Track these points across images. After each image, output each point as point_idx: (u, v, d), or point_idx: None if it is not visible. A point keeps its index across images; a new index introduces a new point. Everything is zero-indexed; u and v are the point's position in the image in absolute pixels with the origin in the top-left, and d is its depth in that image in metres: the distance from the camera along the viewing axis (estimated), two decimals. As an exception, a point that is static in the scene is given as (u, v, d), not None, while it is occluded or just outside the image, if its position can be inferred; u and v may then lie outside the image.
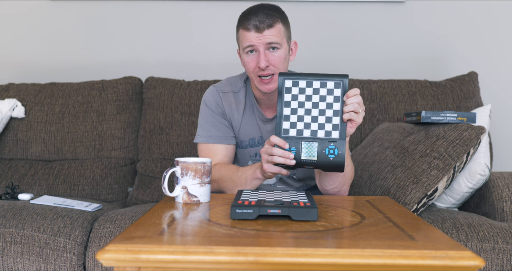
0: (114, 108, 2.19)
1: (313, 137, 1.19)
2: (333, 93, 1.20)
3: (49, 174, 2.11)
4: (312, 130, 1.20)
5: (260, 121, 1.51)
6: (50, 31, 2.49)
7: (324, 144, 1.19)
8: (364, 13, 2.43)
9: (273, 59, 1.38)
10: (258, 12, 1.37)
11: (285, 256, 0.73)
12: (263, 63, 1.36)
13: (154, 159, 2.14)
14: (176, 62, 2.46)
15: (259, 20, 1.36)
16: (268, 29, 1.36)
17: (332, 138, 1.19)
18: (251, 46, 1.38)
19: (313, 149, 1.18)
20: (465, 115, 1.65)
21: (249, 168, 1.36)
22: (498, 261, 1.41)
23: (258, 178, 1.32)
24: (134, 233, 0.82)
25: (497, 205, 1.61)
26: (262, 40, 1.36)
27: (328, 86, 1.20)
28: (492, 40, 2.41)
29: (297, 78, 1.22)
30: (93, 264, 1.50)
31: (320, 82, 1.21)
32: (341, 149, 1.18)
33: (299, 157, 1.19)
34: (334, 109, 1.20)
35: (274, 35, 1.37)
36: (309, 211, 0.94)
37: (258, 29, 1.36)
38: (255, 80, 1.42)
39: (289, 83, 1.22)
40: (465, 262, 0.73)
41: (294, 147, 1.19)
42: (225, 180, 1.40)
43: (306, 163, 1.19)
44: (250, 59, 1.40)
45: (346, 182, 1.38)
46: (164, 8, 2.46)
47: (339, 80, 1.20)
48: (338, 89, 1.20)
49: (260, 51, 1.37)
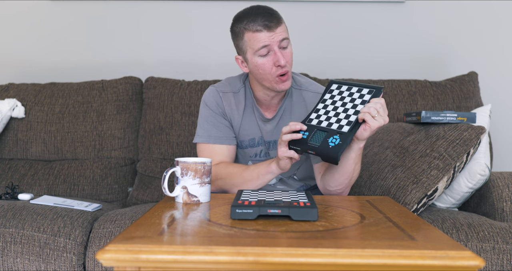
0: (114, 108, 2.19)
1: (327, 127, 1.26)
2: (363, 97, 1.27)
3: (49, 174, 2.11)
4: (329, 122, 1.26)
5: (260, 121, 1.51)
6: (50, 31, 2.49)
7: (332, 134, 1.24)
8: (364, 13, 2.43)
9: (287, 56, 1.38)
10: (261, 13, 1.36)
11: (285, 256, 0.73)
12: (283, 60, 1.36)
13: (154, 159, 2.14)
14: (176, 62, 2.46)
15: (267, 20, 1.35)
16: (278, 26, 1.36)
17: (341, 131, 1.23)
18: (266, 46, 1.36)
19: (321, 136, 1.25)
20: (465, 115, 1.65)
21: (261, 164, 1.38)
22: (498, 261, 1.41)
23: (272, 172, 1.35)
24: (134, 233, 0.82)
25: (497, 205, 1.61)
26: (275, 38, 1.35)
27: (362, 92, 1.28)
28: (492, 40, 2.41)
29: (342, 83, 1.34)
30: (93, 264, 1.50)
31: (358, 88, 1.29)
32: (343, 140, 1.21)
33: (307, 141, 1.25)
34: (356, 110, 1.25)
35: (284, 32, 1.38)
36: (309, 211, 0.94)
37: (269, 28, 1.35)
38: (273, 80, 1.39)
39: (334, 86, 1.34)
40: (465, 262, 0.73)
41: (308, 132, 1.27)
42: (234, 177, 1.40)
43: (310, 147, 1.24)
44: (265, 61, 1.37)
45: (351, 183, 1.38)
46: (164, 8, 2.46)
47: (374, 88, 1.27)
48: (369, 95, 1.26)
49: (275, 50, 1.36)
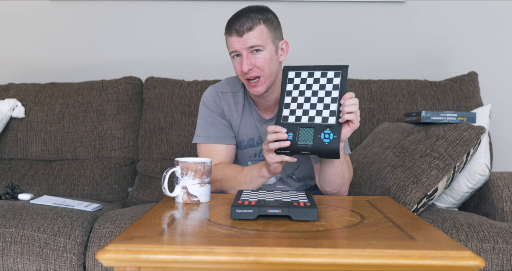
0: (114, 108, 2.19)
1: (310, 122, 1.22)
2: (332, 82, 1.23)
3: (49, 174, 2.11)
4: (310, 116, 1.22)
5: (258, 122, 1.51)
6: (50, 31, 2.49)
7: (320, 129, 1.20)
8: (364, 13, 2.43)
9: (256, 61, 1.38)
10: (240, 16, 1.37)
11: (285, 256, 0.73)
12: (246, 67, 1.36)
13: (154, 159, 2.14)
14: (176, 62, 2.46)
15: (239, 24, 1.36)
16: (248, 32, 1.36)
17: (329, 123, 1.20)
18: (235, 51, 1.38)
19: (309, 134, 1.21)
20: (465, 115, 1.65)
21: (254, 167, 1.37)
22: (498, 261, 1.41)
23: (264, 176, 1.34)
24: (134, 233, 0.82)
25: (497, 205, 1.61)
26: (244, 44, 1.36)
27: (328, 76, 1.24)
28: (492, 40, 2.41)
29: (299, 69, 1.26)
30: (93, 264, 1.50)
31: (321, 72, 1.24)
32: (336, 133, 1.19)
33: (295, 142, 1.21)
34: (332, 97, 1.22)
35: (255, 38, 1.36)
36: (309, 211, 0.94)
37: (238, 33, 1.36)
38: (245, 83, 1.43)
39: (292, 74, 1.28)
40: (465, 262, 0.73)
41: (291, 132, 1.22)
42: (229, 179, 1.40)
43: (302, 148, 1.21)
44: (236, 64, 1.41)
45: (345, 183, 1.38)
46: (164, 8, 2.46)
47: (339, 69, 1.23)
48: (337, 78, 1.23)
49: (243, 55, 1.37)
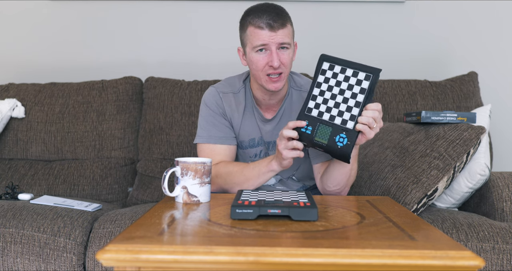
0: (114, 108, 2.19)
1: (330, 121, 1.22)
2: (361, 84, 1.21)
3: (49, 174, 2.11)
4: (331, 115, 1.23)
5: (259, 122, 1.51)
6: (50, 31, 2.49)
7: (337, 131, 1.21)
8: (364, 13, 2.43)
9: (283, 58, 1.37)
10: (269, 11, 1.35)
11: (285, 256, 0.73)
12: (277, 62, 1.34)
13: (154, 159, 2.14)
14: (176, 62, 2.46)
15: (272, 19, 1.33)
16: (281, 28, 1.35)
17: (346, 127, 1.21)
18: (264, 45, 1.35)
19: (327, 133, 1.22)
20: (465, 115, 1.65)
21: (261, 161, 1.37)
22: (498, 261, 1.41)
23: (273, 170, 1.34)
24: (134, 233, 0.82)
25: (497, 205, 1.61)
26: (275, 39, 1.34)
27: (359, 77, 1.22)
28: (492, 40, 2.41)
29: (334, 62, 1.25)
30: (93, 264, 1.50)
31: (353, 71, 1.23)
32: (350, 140, 1.20)
33: (312, 137, 1.23)
34: (357, 100, 1.21)
35: (286, 35, 1.36)
36: (309, 211, 0.94)
37: (272, 28, 1.34)
38: (263, 79, 1.39)
39: (326, 65, 1.26)
40: (465, 262, 0.73)
41: (311, 126, 1.23)
42: (235, 175, 1.39)
43: (317, 144, 1.23)
44: (260, 58, 1.37)
45: (349, 184, 1.39)
46: (164, 8, 2.46)
47: (370, 72, 1.21)
48: (367, 81, 1.21)
49: (273, 50, 1.35)
